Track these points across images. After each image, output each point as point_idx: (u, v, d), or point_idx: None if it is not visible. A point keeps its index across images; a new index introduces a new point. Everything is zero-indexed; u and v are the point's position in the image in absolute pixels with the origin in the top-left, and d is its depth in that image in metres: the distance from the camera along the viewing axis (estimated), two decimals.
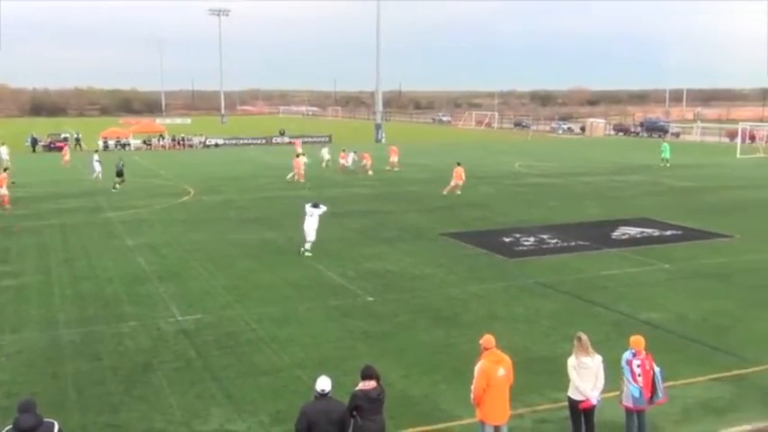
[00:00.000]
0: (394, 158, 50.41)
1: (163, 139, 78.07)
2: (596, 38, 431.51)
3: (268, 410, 12.06)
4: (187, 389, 12.96)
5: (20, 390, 12.63)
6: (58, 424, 8.28)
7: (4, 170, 36.35)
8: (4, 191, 33.84)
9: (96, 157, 46.13)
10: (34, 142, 73.07)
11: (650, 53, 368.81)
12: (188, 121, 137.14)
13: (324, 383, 9.04)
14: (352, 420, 9.18)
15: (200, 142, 78.49)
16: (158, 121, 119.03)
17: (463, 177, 37.50)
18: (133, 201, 35.69)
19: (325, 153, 53.43)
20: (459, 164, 38.58)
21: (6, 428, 8.04)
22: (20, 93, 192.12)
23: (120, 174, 40.54)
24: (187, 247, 24.91)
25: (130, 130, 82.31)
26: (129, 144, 75.74)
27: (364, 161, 48.70)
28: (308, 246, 23.39)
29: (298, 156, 45.26)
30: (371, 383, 9.33)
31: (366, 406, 9.20)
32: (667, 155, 52.44)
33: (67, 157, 55.31)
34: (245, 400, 12.51)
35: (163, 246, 25.06)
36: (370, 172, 47.12)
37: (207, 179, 45.15)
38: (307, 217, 23.57)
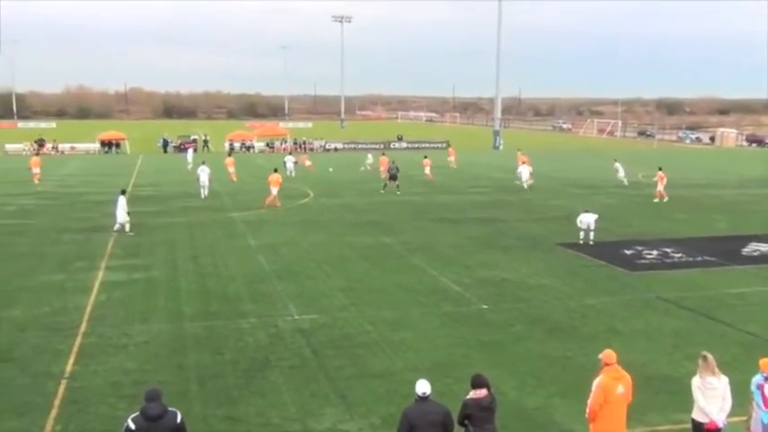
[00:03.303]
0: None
1: (285, 142, 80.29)
2: (729, 43, 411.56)
3: (380, 413, 12.15)
4: (302, 387, 13.26)
5: (146, 378, 13.27)
6: (180, 414, 8.63)
7: None
8: None
9: (292, 158, 50.93)
10: (165, 144, 76.79)
11: None
12: (309, 124, 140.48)
13: (424, 386, 9.04)
14: (463, 429, 9.14)
15: (321, 146, 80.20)
16: (281, 124, 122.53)
17: (665, 182, 37.84)
18: (256, 201, 36.86)
19: (369, 157, 55.69)
20: (660, 168, 38.84)
21: (133, 415, 8.44)
22: (153, 96, 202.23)
23: (393, 177, 41.08)
24: (305, 247, 25.50)
25: (255, 133, 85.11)
26: (253, 146, 78.33)
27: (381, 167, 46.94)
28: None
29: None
30: (482, 392, 9.25)
31: (477, 414, 9.13)
32: None
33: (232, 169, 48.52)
34: (357, 401, 12.67)
35: (282, 246, 25.76)
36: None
37: (326, 182, 46.09)
38: (583, 214, 26.59)
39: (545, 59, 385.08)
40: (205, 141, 78.92)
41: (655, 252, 24.87)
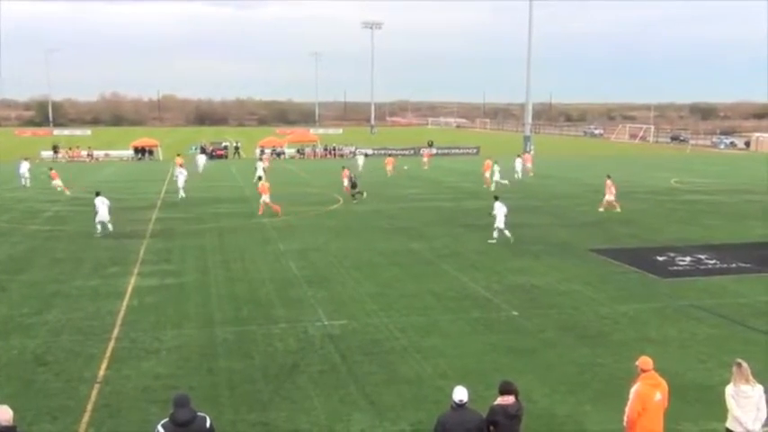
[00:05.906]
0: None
1: (315, 148, 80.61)
2: (765, 46, 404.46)
3: (409, 419, 12.13)
4: (331, 392, 13.28)
5: (178, 383, 13.39)
6: (210, 418, 8.67)
7: None
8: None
9: (262, 164, 51.35)
10: (203, 151, 77.17)
11: None
12: (339, 131, 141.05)
13: (461, 393, 8.94)
14: None
15: (351, 152, 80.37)
16: (312, 131, 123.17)
17: (614, 191, 35.78)
18: (285, 207, 37.02)
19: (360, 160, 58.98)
20: (608, 176, 36.62)
21: (163, 421, 8.50)
22: (186, 103, 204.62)
23: (354, 185, 41.20)
24: (335, 253, 25.56)
25: (285, 140, 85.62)
26: (283, 152, 78.80)
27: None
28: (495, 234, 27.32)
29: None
30: (510, 399, 9.15)
31: (504, 422, 9.02)
32: None
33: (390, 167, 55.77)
34: (386, 407, 12.65)
35: (313, 251, 25.85)
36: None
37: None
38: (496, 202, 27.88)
39: (577, 65, 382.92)
40: (236, 148, 79.56)
41: (688, 258, 24.54)
